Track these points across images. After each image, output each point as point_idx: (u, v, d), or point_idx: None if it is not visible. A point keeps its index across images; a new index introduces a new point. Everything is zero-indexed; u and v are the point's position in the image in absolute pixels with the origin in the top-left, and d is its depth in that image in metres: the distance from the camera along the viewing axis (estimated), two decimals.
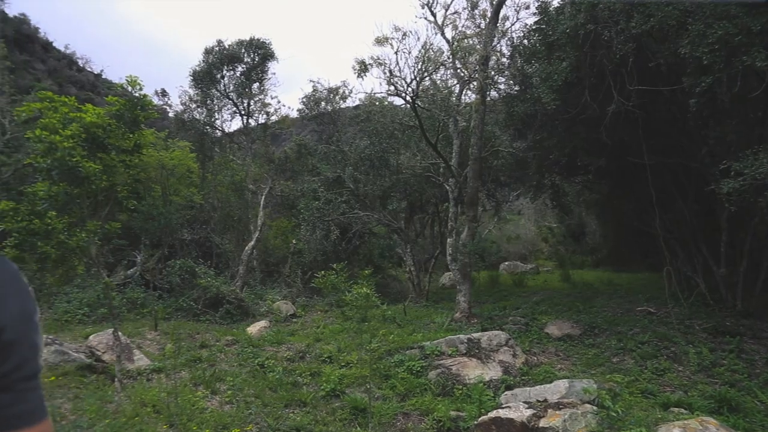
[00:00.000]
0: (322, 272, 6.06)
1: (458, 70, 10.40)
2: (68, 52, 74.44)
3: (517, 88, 10.18)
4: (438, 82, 11.62)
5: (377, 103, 14.55)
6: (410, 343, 8.39)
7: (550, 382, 6.34)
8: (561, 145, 10.15)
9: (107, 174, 5.38)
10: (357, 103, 16.69)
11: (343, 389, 6.80)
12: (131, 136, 5.63)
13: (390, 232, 15.48)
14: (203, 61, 16.95)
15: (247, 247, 14.92)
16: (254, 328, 10.29)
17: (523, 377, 7.01)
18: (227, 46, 17.03)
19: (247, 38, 17.05)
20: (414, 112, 10.42)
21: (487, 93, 10.27)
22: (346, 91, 16.02)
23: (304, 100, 16.82)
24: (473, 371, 7.01)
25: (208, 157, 17.40)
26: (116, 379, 5.83)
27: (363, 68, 9.92)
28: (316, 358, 8.26)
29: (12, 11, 74.32)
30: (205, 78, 16.93)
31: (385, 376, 7.15)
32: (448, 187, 11.24)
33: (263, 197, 15.69)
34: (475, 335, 7.95)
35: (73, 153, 5.03)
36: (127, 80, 5.56)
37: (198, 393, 6.38)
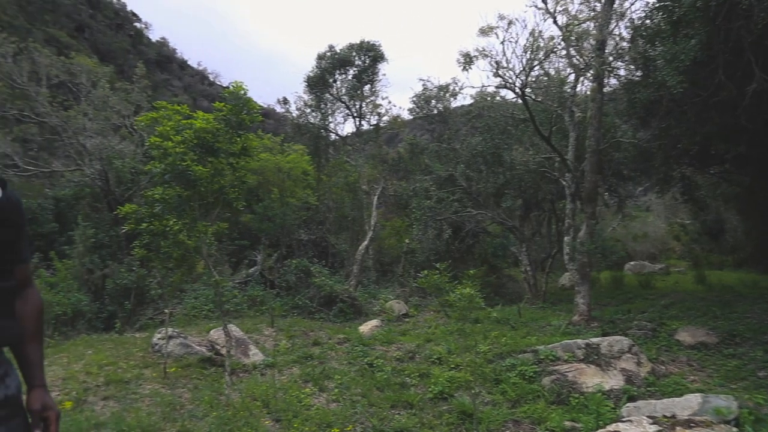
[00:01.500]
0: (426, 272, 5.92)
1: (572, 58, 9.78)
2: (200, 68, 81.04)
3: (638, 73, 9.36)
4: (550, 71, 11.03)
5: (488, 99, 14.16)
6: (523, 346, 7.99)
7: (680, 395, 5.70)
8: (691, 132, 9.16)
9: (216, 177, 5.63)
10: (467, 98, 16.41)
11: (451, 392, 6.60)
12: (238, 139, 5.86)
13: (504, 231, 15.00)
14: (316, 66, 17.55)
15: (360, 247, 15.16)
16: (366, 327, 10.37)
17: (648, 388, 6.39)
18: (338, 51, 17.48)
19: (358, 41, 17.40)
20: (524, 105, 9.95)
21: (605, 80, 9.55)
22: (456, 88, 15.78)
23: (415, 99, 16.82)
24: (591, 379, 6.51)
25: (322, 159, 17.95)
26: (226, 373, 6.10)
27: (468, 61, 9.62)
28: (425, 359, 8.12)
29: (154, 36, 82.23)
30: (318, 83, 17.50)
31: (496, 380, 6.85)
32: (564, 183, 10.61)
33: (376, 197, 15.87)
34: (595, 340, 7.40)
35: (184, 157, 5.33)
36: (232, 86, 5.80)
37: (306, 390, 6.50)
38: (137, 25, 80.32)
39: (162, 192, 5.60)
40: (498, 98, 14.27)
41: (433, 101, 16.47)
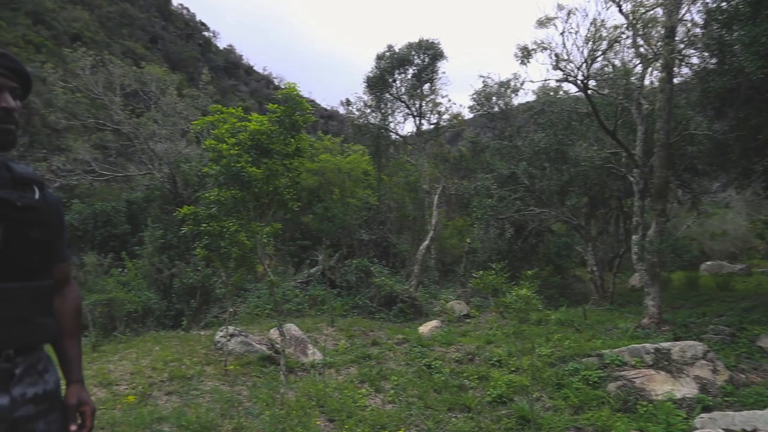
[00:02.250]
0: (480, 272, 5.75)
1: (639, 47, 9.28)
2: (266, 73, 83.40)
3: (713, 60, 8.76)
4: (615, 62, 10.52)
5: (551, 94, 13.73)
6: (588, 350, 7.65)
7: (764, 407, 5.26)
8: None
9: (270, 178, 5.69)
10: (529, 94, 15.99)
11: (511, 396, 6.39)
12: (292, 140, 5.90)
13: (569, 230, 14.50)
14: (376, 66, 17.58)
15: (421, 247, 15.05)
16: (426, 328, 10.27)
17: (725, 398, 5.94)
18: (397, 51, 17.45)
19: (416, 40, 17.31)
20: (586, 98, 9.54)
21: (675, 69, 9.01)
22: (517, 84, 15.39)
23: (475, 96, 16.55)
24: (661, 386, 6.13)
25: (383, 159, 17.97)
26: (281, 372, 6.15)
27: (526, 54, 9.31)
28: (485, 361, 7.93)
29: (222, 44, 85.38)
30: (378, 83, 17.53)
31: (558, 385, 6.59)
32: (632, 179, 10.09)
33: (437, 197, 15.73)
34: (665, 345, 6.98)
35: (239, 159, 5.41)
36: (285, 86, 5.84)
37: (362, 390, 6.47)
38: (206, 34, 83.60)
39: (217, 193, 5.72)
40: (561, 93, 13.82)
41: (493, 98, 16.15)
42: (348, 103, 19.69)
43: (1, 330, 1.57)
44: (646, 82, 10.30)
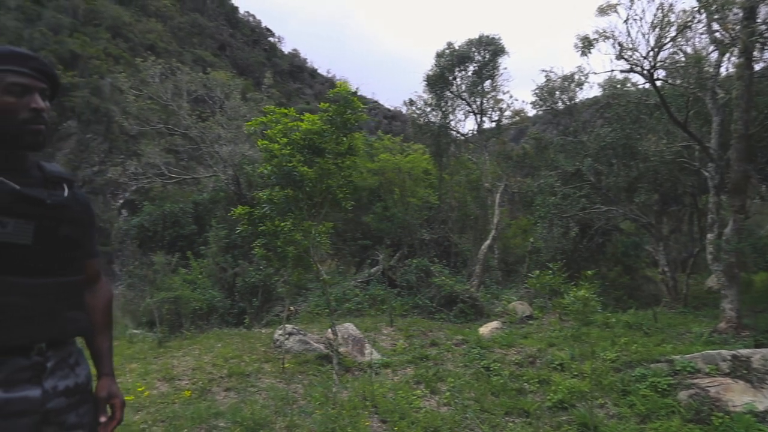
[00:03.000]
0: (537, 272, 5.52)
1: (714, 33, 8.67)
2: (329, 75, 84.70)
3: None
4: (686, 49, 9.89)
5: (618, 86, 13.12)
6: (657, 355, 7.21)
7: None
8: None
9: (322, 177, 5.68)
10: (594, 87, 15.36)
11: (572, 402, 6.10)
12: (344, 139, 5.87)
13: (639, 228, 13.82)
14: (435, 65, 17.41)
15: (483, 246, 14.77)
16: (486, 329, 10.03)
17: None
18: (457, 48, 17.21)
19: (476, 36, 17.02)
20: (654, 89, 9.00)
21: (757, 54, 8.35)
22: (582, 77, 14.80)
23: (537, 91, 16.07)
24: (739, 397, 5.67)
25: (444, 157, 17.78)
26: (334, 372, 6.13)
27: (586, 44, 8.87)
28: (546, 365, 7.63)
29: (286, 48, 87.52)
30: (438, 81, 17.36)
31: (623, 391, 6.22)
32: (706, 174, 9.46)
33: (498, 195, 15.40)
34: (744, 352, 6.47)
35: (290, 159, 5.44)
36: (337, 85, 5.83)
37: (417, 391, 6.36)
38: (271, 39, 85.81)
39: (269, 193, 5.77)
40: (629, 85, 13.17)
41: (557, 93, 15.62)
42: (411, 103, 19.65)
43: (32, 324, 1.62)
44: (722, 69, 9.63)
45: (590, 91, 22.84)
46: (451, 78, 17.38)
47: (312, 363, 7.67)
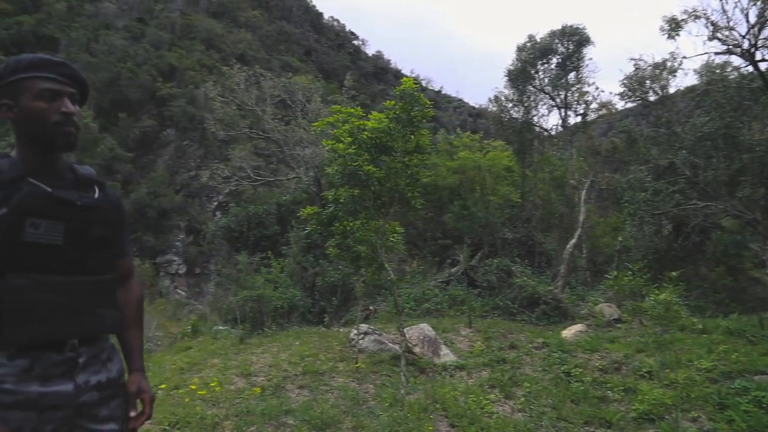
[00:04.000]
0: (615, 273, 5.14)
1: None
2: (413, 75, 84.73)
3: None
4: None
5: (717, 71, 12.08)
6: (762, 366, 6.54)
7: None
8: None
9: (389, 176, 5.61)
10: (689, 75, 14.22)
11: (660, 413, 5.65)
12: (411, 137, 5.76)
13: (743, 226, 12.68)
14: (516, 59, 16.90)
15: (568, 245, 14.15)
16: (569, 332, 9.57)
17: None
18: (539, 40, 16.60)
19: (559, 27, 16.33)
20: (756, 70, 8.16)
21: None
22: (674, 64, 13.78)
23: (626, 81, 15.15)
24: None
25: (527, 154, 17.23)
26: (402, 373, 6.03)
27: (674, 26, 8.19)
28: (633, 372, 7.14)
29: (370, 51, 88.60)
30: (519, 76, 16.83)
31: (720, 405, 5.67)
32: None
33: (584, 192, 14.69)
34: None
35: (356, 158, 5.40)
36: (403, 82, 5.73)
37: (491, 396, 6.13)
38: (355, 42, 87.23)
39: (334, 193, 5.78)
40: (730, 69, 12.09)
41: (647, 82, 14.64)
42: (496, 99, 19.22)
43: (64, 321, 1.68)
44: None
45: (684, 78, 21.25)
46: (533, 72, 16.80)
47: (386, 363, 7.62)
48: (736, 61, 10.71)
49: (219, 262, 19.67)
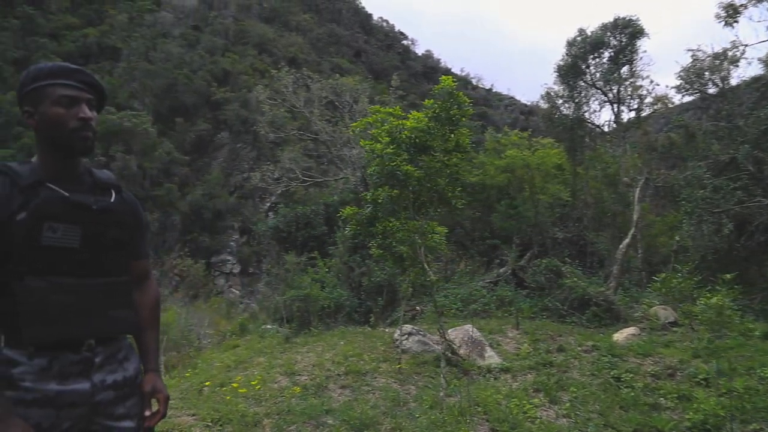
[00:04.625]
0: (663, 275, 4.90)
1: None
2: (463, 74, 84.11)
3: None
4: None
5: None
6: None
7: None
8: None
9: (428, 175, 5.55)
10: (753, 64, 13.44)
11: (717, 423, 5.35)
12: (451, 136, 5.68)
13: None
14: (566, 54, 16.44)
15: (621, 245, 13.68)
16: (621, 335, 9.23)
17: None
18: (589, 34, 16.10)
19: (611, 20, 15.78)
20: None
21: None
22: (736, 54, 13.04)
23: (683, 74, 14.48)
24: None
25: (578, 151, 16.76)
26: (441, 375, 5.94)
27: (732, 12, 7.74)
28: (688, 378, 6.80)
29: (420, 50, 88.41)
30: (570, 71, 16.38)
31: None
32: None
33: (638, 190, 14.17)
34: None
35: (393, 158, 5.37)
36: (442, 80, 5.65)
37: (535, 400, 5.98)
38: (405, 42, 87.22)
39: (372, 193, 5.77)
40: None
41: (706, 73, 13.93)
42: (548, 96, 18.79)
43: (80, 322, 1.74)
44: None
45: (748, 68, 20.11)
46: (584, 67, 16.32)
47: (429, 364, 7.55)
48: None
49: (269, 261, 20.04)
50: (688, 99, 15.94)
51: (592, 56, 16.30)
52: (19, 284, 1.64)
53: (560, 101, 17.03)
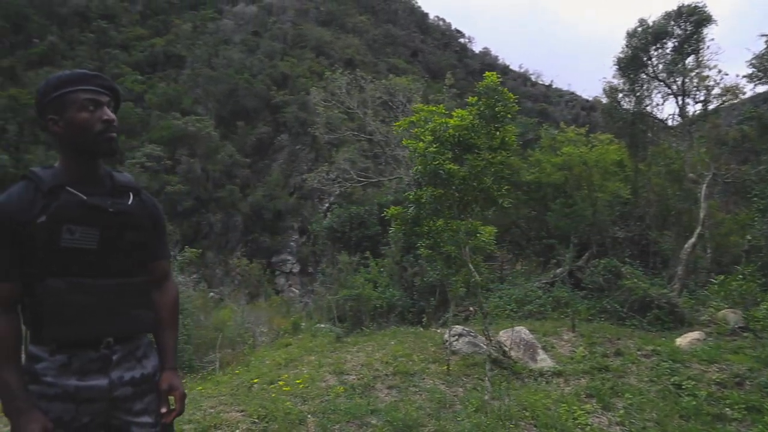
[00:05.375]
0: (721, 277, 4.60)
1: None
2: (522, 70, 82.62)
3: None
4: None
5: None
6: None
7: None
8: None
9: (473, 174, 5.45)
10: None
11: None
12: (497, 133, 5.56)
13: None
14: (626, 45, 15.79)
15: (686, 245, 13.04)
16: (684, 340, 8.77)
17: None
18: (651, 24, 15.40)
19: (674, 8, 15.03)
20: None
21: None
22: None
23: (755, 62, 13.61)
24: None
25: (640, 147, 16.09)
26: (487, 378, 5.82)
27: None
28: (759, 388, 6.39)
29: (477, 47, 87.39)
30: (630, 64, 15.73)
31: None
32: None
33: (705, 186, 13.46)
34: None
35: (437, 157, 5.31)
36: (485, 77, 5.54)
37: (587, 406, 5.77)
38: (462, 40, 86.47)
39: (415, 193, 5.72)
40: None
41: None
42: (611, 90, 18.13)
43: (98, 321, 1.80)
44: None
45: None
46: (645, 59, 15.63)
47: (480, 366, 7.43)
48: None
49: (325, 261, 20.33)
50: (761, 89, 14.99)
51: (654, 47, 15.59)
52: (41, 285, 1.72)
53: (620, 95, 16.38)
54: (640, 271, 11.68)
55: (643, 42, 15.49)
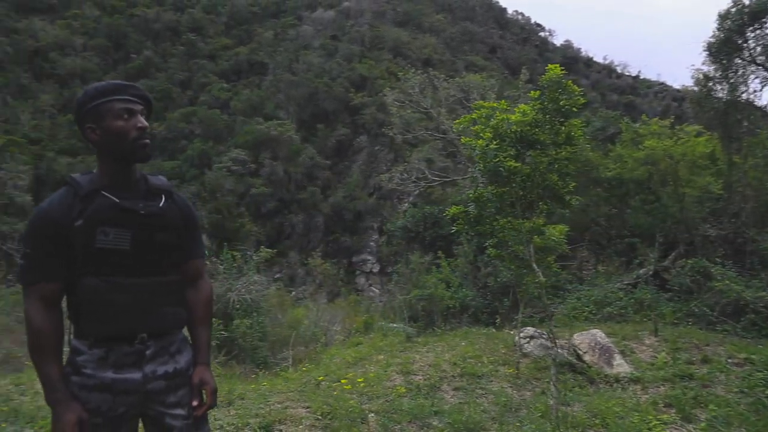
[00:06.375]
0: None
1: None
2: (606, 62, 79.12)
3: None
4: None
5: None
6: None
7: None
8: None
9: (535, 171, 5.27)
10: None
11: None
12: (561, 128, 5.35)
13: None
14: (718, 28, 14.67)
15: None
16: None
17: None
18: (747, 2, 14.21)
19: None
20: None
21: None
22: None
23: None
24: None
25: (734, 138, 14.94)
26: (551, 383, 5.59)
27: None
28: None
29: (558, 41, 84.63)
30: (723, 48, 14.60)
31: None
32: None
33: None
34: None
35: (497, 154, 5.18)
36: (548, 69, 5.33)
37: (664, 416, 5.42)
38: (542, 34, 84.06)
39: (475, 191, 5.61)
40: None
41: None
42: (704, 78, 16.98)
43: (132, 318, 1.92)
44: None
45: None
46: (740, 41, 14.46)
47: (551, 369, 7.20)
48: None
49: (400, 261, 20.43)
50: None
51: (750, 28, 14.37)
52: (80, 283, 1.87)
53: (711, 83, 15.26)
54: (733, 273, 10.86)
55: (738, 23, 14.32)
